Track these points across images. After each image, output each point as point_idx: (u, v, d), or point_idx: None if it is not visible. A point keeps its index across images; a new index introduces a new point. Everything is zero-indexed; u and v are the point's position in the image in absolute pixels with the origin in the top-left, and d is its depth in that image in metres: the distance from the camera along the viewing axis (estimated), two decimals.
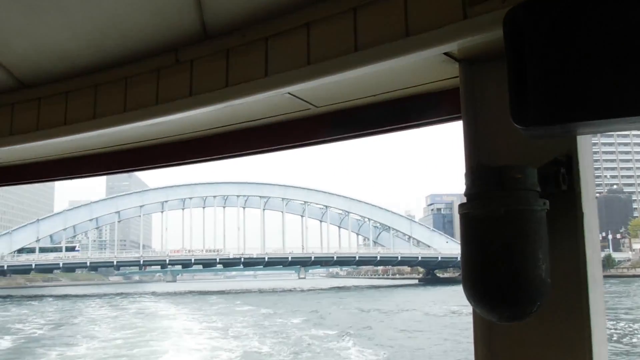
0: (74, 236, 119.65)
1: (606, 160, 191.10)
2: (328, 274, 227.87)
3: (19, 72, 2.82)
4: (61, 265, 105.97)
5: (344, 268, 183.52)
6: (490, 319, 1.43)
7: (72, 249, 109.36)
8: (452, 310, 44.90)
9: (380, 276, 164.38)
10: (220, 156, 2.85)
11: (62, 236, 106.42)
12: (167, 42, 2.43)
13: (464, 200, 1.47)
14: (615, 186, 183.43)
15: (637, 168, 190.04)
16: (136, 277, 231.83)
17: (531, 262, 1.36)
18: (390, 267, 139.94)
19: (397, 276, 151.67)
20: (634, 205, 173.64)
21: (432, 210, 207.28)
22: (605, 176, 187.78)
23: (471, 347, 1.69)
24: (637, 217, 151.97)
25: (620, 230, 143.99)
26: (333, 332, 31.91)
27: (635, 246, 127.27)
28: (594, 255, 1.60)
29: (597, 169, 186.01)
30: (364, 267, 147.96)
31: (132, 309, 52.57)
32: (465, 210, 1.44)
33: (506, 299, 1.37)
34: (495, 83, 1.67)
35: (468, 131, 1.80)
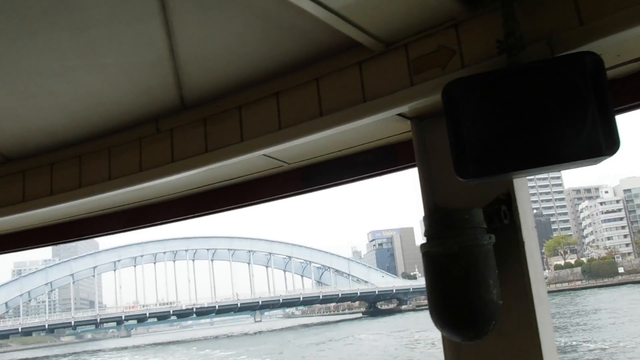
0: (29, 300, 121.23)
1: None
2: (284, 314, 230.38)
3: (5, 149, 2.95)
4: (20, 330, 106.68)
5: (299, 308, 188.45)
6: (455, 340, 1.71)
7: None
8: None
9: (332, 312, 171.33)
10: (199, 214, 3.01)
11: (18, 302, 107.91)
12: (148, 114, 2.63)
13: (424, 240, 1.71)
14: (535, 210, 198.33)
15: (554, 192, 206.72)
16: (89, 335, 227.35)
17: (483, 289, 1.60)
18: (338, 303, 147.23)
19: (347, 311, 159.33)
20: (553, 227, 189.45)
21: (375, 245, 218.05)
22: None
23: None
24: (553, 236, 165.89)
25: (541, 251, 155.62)
26: None
27: (551, 264, 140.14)
28: (537, 276, 1.82)
29: None
30: (317, 305, 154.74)
31: None
32: (426, 249, 1.69)
33: (465, 321, 1.62)
34: (442, 136, 1.81)
35: (423, 178, 2.04)
